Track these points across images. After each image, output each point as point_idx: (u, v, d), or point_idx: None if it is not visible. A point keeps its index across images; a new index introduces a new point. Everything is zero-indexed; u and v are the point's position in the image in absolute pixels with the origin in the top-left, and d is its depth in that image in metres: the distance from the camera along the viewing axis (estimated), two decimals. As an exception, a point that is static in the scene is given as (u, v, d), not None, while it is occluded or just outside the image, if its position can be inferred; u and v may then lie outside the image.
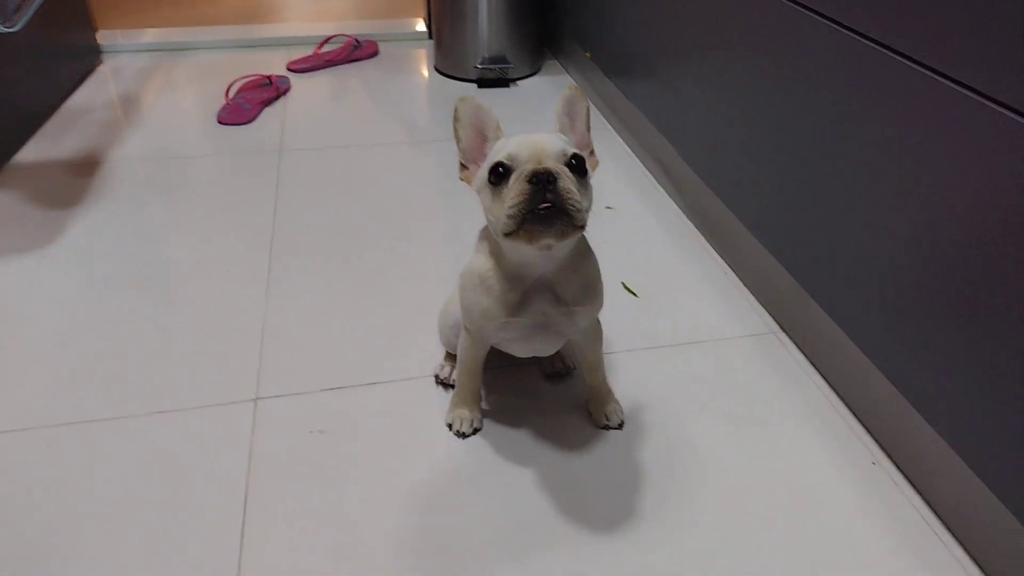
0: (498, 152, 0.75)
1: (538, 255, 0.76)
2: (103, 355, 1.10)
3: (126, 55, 2.31)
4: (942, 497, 0.86)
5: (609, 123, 1.88)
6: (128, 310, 1.20)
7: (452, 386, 1.03)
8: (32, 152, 1.70)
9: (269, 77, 2.02)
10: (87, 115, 1.90)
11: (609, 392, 0.99)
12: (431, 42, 2.46)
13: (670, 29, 1.47)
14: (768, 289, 1.21)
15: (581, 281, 0.82)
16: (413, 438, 0.97)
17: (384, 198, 1.54)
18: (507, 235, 0.71)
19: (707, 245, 1.39)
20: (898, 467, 0.93)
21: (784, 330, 1.17)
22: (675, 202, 1.53)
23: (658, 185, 1.60)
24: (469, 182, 0.81)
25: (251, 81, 2.01)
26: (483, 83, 2.12)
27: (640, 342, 1.14)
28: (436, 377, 1.06)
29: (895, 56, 0.83)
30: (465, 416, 0.96)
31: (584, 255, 0.84)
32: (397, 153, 1.74)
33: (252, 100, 1.91)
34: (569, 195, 0.69)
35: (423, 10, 2.57)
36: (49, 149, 1.71)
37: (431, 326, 1.14)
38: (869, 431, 0.98)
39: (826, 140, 0.99)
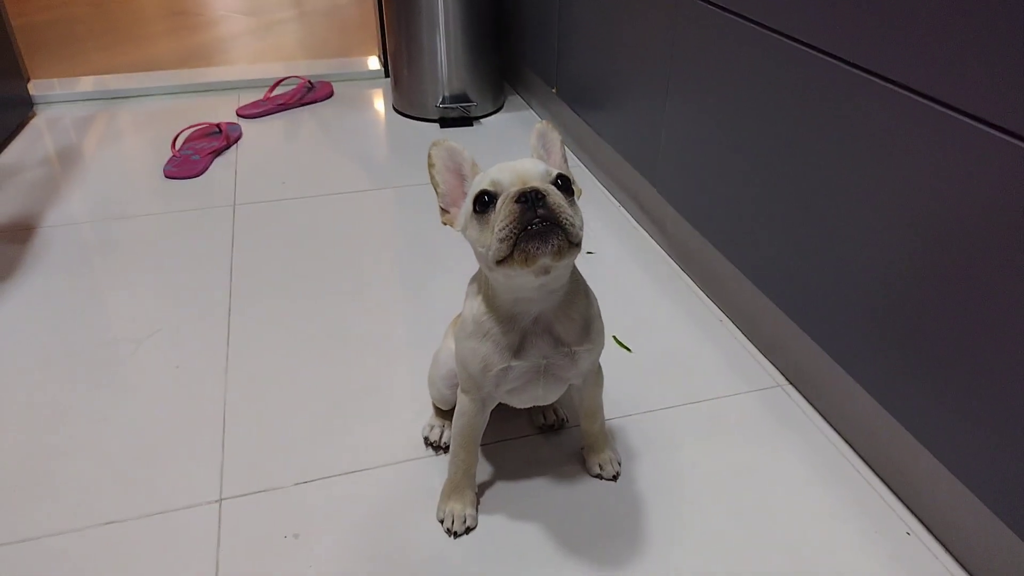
0: (479, 183, 0.72)
1: (535, 286, 0.72)
2: (39, 455, 0.97)
3: (61, 105, 2.17)
4: (979, 560, 0.79)
5: (580, 160, 1.81)
6: (68, 401, 1.07)
7: (445, 448, 0.96)
8: (-43, 219, 1.55)
9: (218, 125, 1.90)
10: (19, 174, 1.75)
11: (607, 440, 0.95)
12: (387, 80, 2.38)
13: (638, 57, 1.40)
14: (770, 338, 1.14)
15: (580, 319, 0.79)
16: (398, 535, 0.86)
17: (348, 251, 1.44)
18: (500, 262, 0.68)
19: (698, 291, 1.32)
20: (935, 536, 0.86)
21: (791, 382, 1.09)
22: (658, 244, 1.45)
23: (637, 225, 1.53)
24: (452, 224, 0.77)
25: (199, 130, 1.89)
26: (445, 122, 2.04)
27: (636, 405, 1.06)
28: (426, 440, 0.98)
29: (885, 83, 0.77)
30: (457, 511, 0.87)
31: (581, 292, 0.80)
32: (358, 201, 1.64)
33: (201, 151, 1.80)
34: (561, 209, 0.68)
35: (377, 48, 2.48)
36: (-24, 214, 1.57)
37: (408, 398, 1.04)
38: (899, 497, 0.91)
39: (821, 172, 0.92)
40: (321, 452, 0.98)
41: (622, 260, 1.41)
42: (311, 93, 2.19)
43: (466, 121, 2.05)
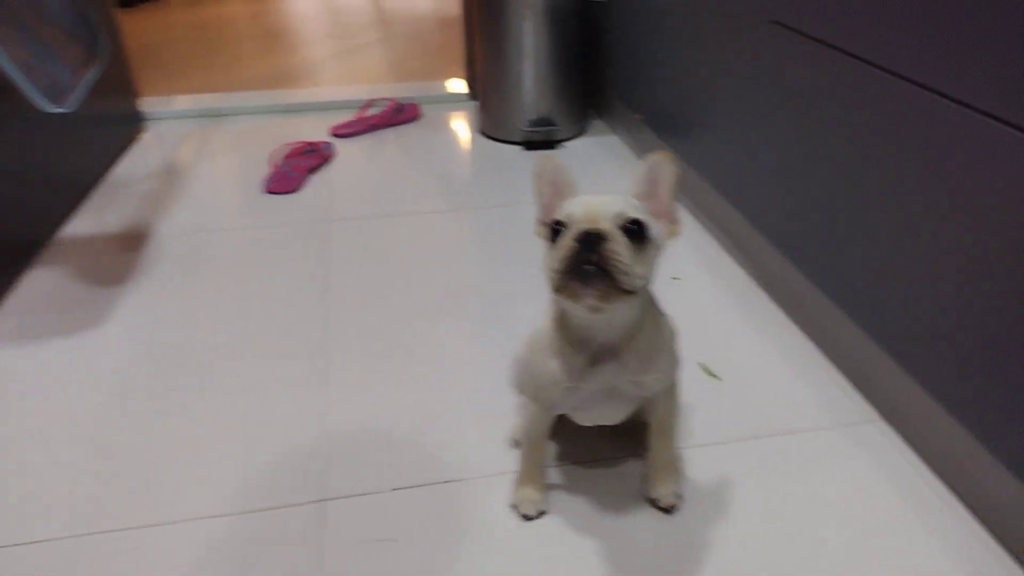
0: (560, 211, 0.76)
1: (592, 317, 0.75)
2: (153, 451, 1.04)
3: (168, 122, 2.30)
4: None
5: (664, 186, 1.82)
6: (180, 399, 1.14)
7: None
8: (78, 226, 1.67)
9: (314, 144, 1.99)
10: (132, 186, 1.87)
11: (671, 469, 0.94)
12: (472, 103, 2.44)
13: (727, 85, 1.42)
14: (862, 371, 1.13)
15: (648, 349, 0.81)
16: (485, 545, 0.89)
17: (437, 268, 1.49)
18: (555, 291, 0.73)
19: (787, 320, 1.31)
20: (1040, 584, 0.84)
21: (884, 418, 1.08)
22: (746, 271, 1.45)
23: (724, 252, 1.53)
24: (542, 238, 0.81)
25: (296, 148, 1.98)
26: (530, 145, 2.09)
27: (717, 434, 1.06)
28: (515, 442, 1.02)
29: (984, 117, 0.77)
30: (530, 497, 0.93)
31: (652, 322, 0.81)
32: (447, 220, 1.69)
33: (298, 168, 1.88)
34: (614, 257, 0.69)
35: (463, 71, 2.55)
36: (94, 223, 1.68)
37: (497, 414, 1.06)
38: (1008, 549, 0.89)
39: (918, 200, 0.92)
40: (416, 461, 1.01)
41: (708, 287, 1.41)
42: (400, 115, 2.27)
43: (549, 144, 2.09)
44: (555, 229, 0.74)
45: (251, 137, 2.19)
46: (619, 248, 0.70)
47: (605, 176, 1.89)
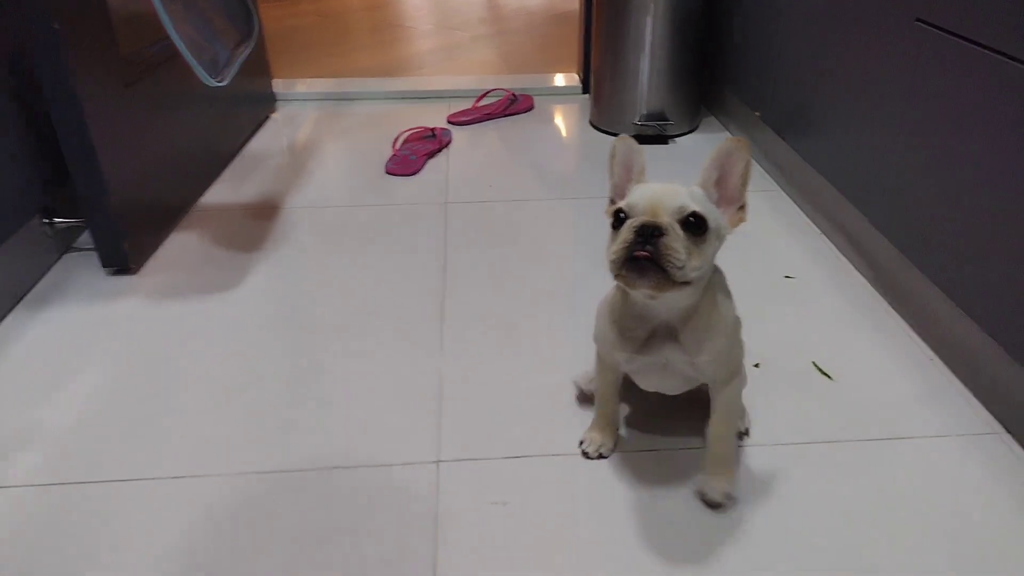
0: (626, 199, 0.78)
1: (649, 302, 0.80)
2: (280, 405, 1.12)
3: (296, 103, 2.43)
4: None
5: (780, 186, 1.79)
6: (307, 358, 1.22)
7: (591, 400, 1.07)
8: (217, 195, 1.80)
9: (433, 129, 2.07)
10: (264, 161, 2.00)
11: (726, 465, 0.93)
12: (584, 97, 2.47)
13: (859, 83, 1.39)
14: (989, 381, 1.09)
15: (703, 331, 0.83)
16: (597, 520, 0.92)
17: (548, 256, 1.53)
18: (614, 277, 0.76)
19: (906, 326, 1.28)
20: None
21: (1010, 431, 1.04)
22: (862, 274, 1.42)
23: (840, 255, 1.50)
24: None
25: (415, 133, 2.07)
26: (641, 139, 2.08)
27: (825, 433, 1.05)
28: (578, 388, 1.11)
29: None
30: (595, 439, 1.00)
31: (711, 306, 0.83)
32: (557, 210, 1.73)
33: (417, 151, 1.96)
34: (668, 252, 0.71)
35: (576, 65, 2.58)
36: (231, 193, 1.81)
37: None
38: None
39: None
40: (528, 433, 1.05)
41: (823, 288, 1.39)
42: (514, 105, 2.32)
43: (661, 139, 2.09)
44: (618, 216, 0.77)
45: (373, 121, 2.29)
46: (675, 244, 0.72)
47: (718, 173, 1.88)
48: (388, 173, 1.90)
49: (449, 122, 2.23)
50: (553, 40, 3.24)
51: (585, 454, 0.99)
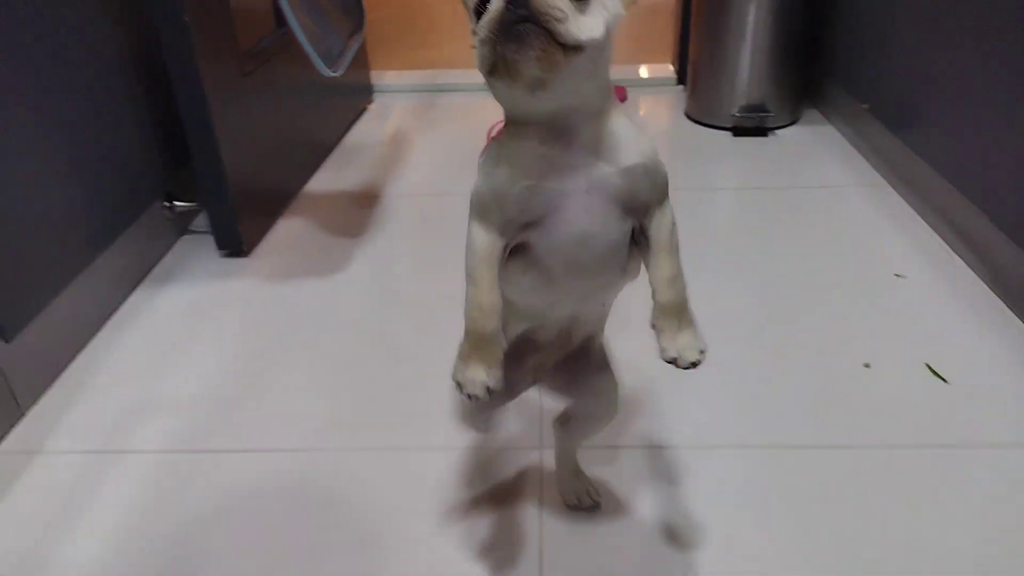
0: None
1: (541, 100, 0.60)
2: (383, 384, 1.16)
3: (393, 94, 2.49)
4: None
5: (887, 181, 1.73)
6: (408, 342, 1.25)
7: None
8: (321, 182, 1.86)
9: (527, 119, 2.08)
10: (363, 150, 2.05)
11: (681, 306, 0.71)
12: (678, 88, 2.43)
13: (974, 70, 1.32)
14: (1120, 390, 1.03)
15: (624, 134, 0.64)
16: (680, 504, 0.92)
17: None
18: (488, 73, 0.59)
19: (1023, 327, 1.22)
20: None
21: None
22: (978, 273, 1.36)
23: (953, 253, 1.43)
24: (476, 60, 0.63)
25: (509, 123, 2.08)
26: (739, 131, 2.05)
27: (936, 437, 1.01)
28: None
29: None
30: (478, 377, 0.67)
31: (621, 117, 0.65)
32: (655, 201, 1.72)
33: (511, 141, 1.98)
34: (548, 7, 0.56)
35: (671, 55, 2.55)
36: (334, 180, 1.87)
37: (689, 390, 1.08)
38: None
39: None
40: (625, 423, 1.06)
41: (935, 287, 1.34)
42: (607, 95, 2.31)
43: (761, 131, 2.04)
44: (478, 9, 0.60)
45: (466, 111, 2.32)
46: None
47: (819, 168, 1.82)
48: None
49: (542, 113, 2.24)
50: (644, 30, 3.20)
51: (471, 397, 0.67)
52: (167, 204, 1.51)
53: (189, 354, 1.24)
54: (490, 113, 2.20)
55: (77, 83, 1.25)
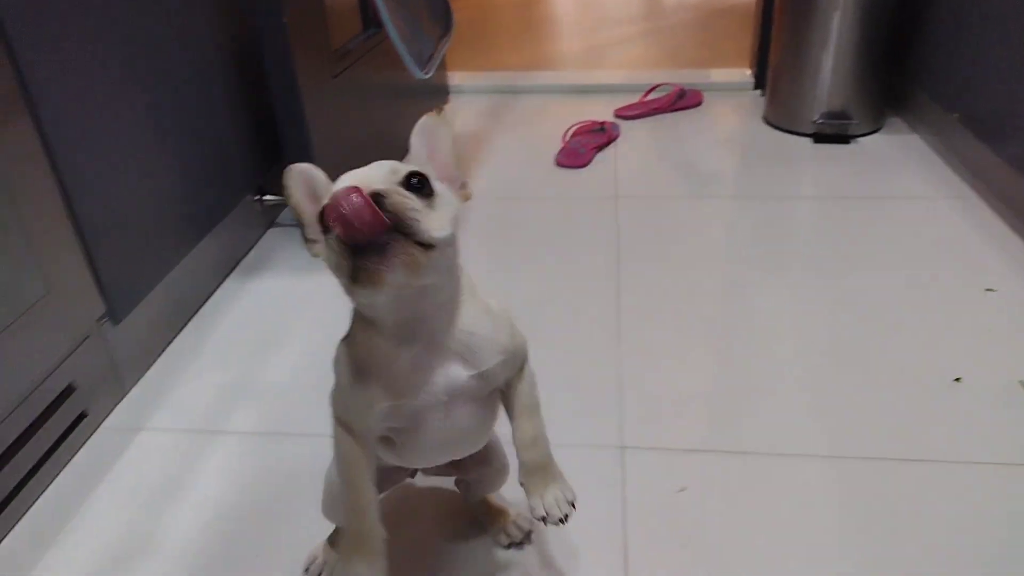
0: (326, 200, 0.58)
1: (403, 303, 0.60)
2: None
3: (467, 95, 2.53)
4: None
5: (977, 193, 1.68)
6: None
7: None
8: (399, 180, 1.90)
9: (602, 123, 2.09)
10: (440, 149, 2.09)
11: (546, 464, 0.71)
12: (756, 93, 2.41)
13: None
14: None
15: (480, 329, 0.65)
16: (776, 521, 0.91)
17: (722, 255, 1.51)
18: (353, 283, 0.57)
19: None
20: None
21: None
22: (1076, 292, 1.31)
23: (1048, 268, 1.39)
24: (320, 255, 0.62)
25: (584, 126, 2.09)
26: (819, 138, 2.02)
27: (1051, 457, 0.98)
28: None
29: None
30: (360, 571, 0.66)
31: (472, 299, 0.66)
32: (727, 208, 1.70)
33: (586, 144, 1.99)
34: (400, 208, 0.55)
35: (749, 60, 2.52)
36: (412, 179, 1.91)
37: (792, 397, 1.07)
38: None
39: None
40: (708, 428, 1.06)
41: (1029, 303, 1.30)
42: (682, 100, 2.30)
43: (842, 139, 2.01)
44: (327, 226, 0.57)
45: (540, 113, 2.34)
46: (403, 200, 0.56)
47: (903, 178, 1.78)
48: (558, 165, 1.94)
49: (616, 116, 2.24)
50: (721, 35, 3.16)
51: None
52: (258, 198, 1.58)
53: (278, 342, 1.29)
54: (564, 116, 2.22)
55: (182, 81, 1.31)
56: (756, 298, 1.36)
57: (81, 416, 1.09)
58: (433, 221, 0.58)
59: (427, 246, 0.56)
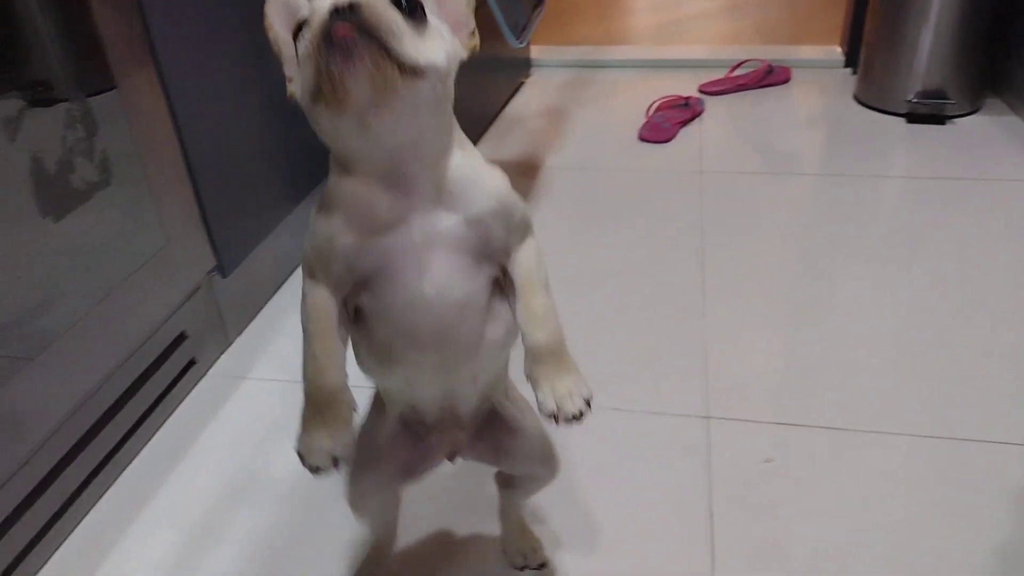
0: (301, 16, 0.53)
1: (376, 134, 0.52)
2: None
3: (549, 69, 2.53)
4: None
5: (1083, 176, 1.61)
6: (570, 310, 1.29)
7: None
8: (484, 151, 1.92)
9: (687, 98, 2.07)
10: (522, 123, 2.11)
11: (558, 349, 0.60)
12: (846, 71, 2.34)
13: None
14: None
15: (471, 175, 0.57)
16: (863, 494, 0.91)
17: (807, 230, 1.49)
18: (313, 98, 0.51)
19: None
20: None
21: None
22: None
23: None
24: (296, 94, 0.57)
25: (668, 101, 2.08)
26: (913, 118, 1.96)
27: None
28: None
29: None
30: (320, 445, 0.56)
31: (466, 151, 0.58)
32: (813, 186, 1.68)
33: (670, 119, 1.98)
34: (377, 18, 0.48)
35: (841, 37, 2.45)
36: (496, 150, 1.94)
37: (880, 375, 1.06)
38: None
39: None
40: (793, 402, 1.06)
41: None
42: (770, 76, 2.25)
43: (937, 119, 1.94)
44: (299, 34, 0.52)
45: (623, 88, 2.33)
46: (384, 11, 0.49)
47: (1002, 160, 1.72)
48: (641, 139, 1.93)
49: (701, 91, 2.22)
50: (814, 11, 3.07)
51: (314, 468, 0.56)
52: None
53: (369, 303, 1.34)
54: (646, 91, 2.21)
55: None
56: (843, 276, 1.34)
57: (191, 363, 1.16)
58: (420, 46, 0.50)
59: (409, 72, 0.49)
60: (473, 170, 0.57)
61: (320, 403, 0.57)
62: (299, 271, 0.61)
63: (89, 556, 0.90)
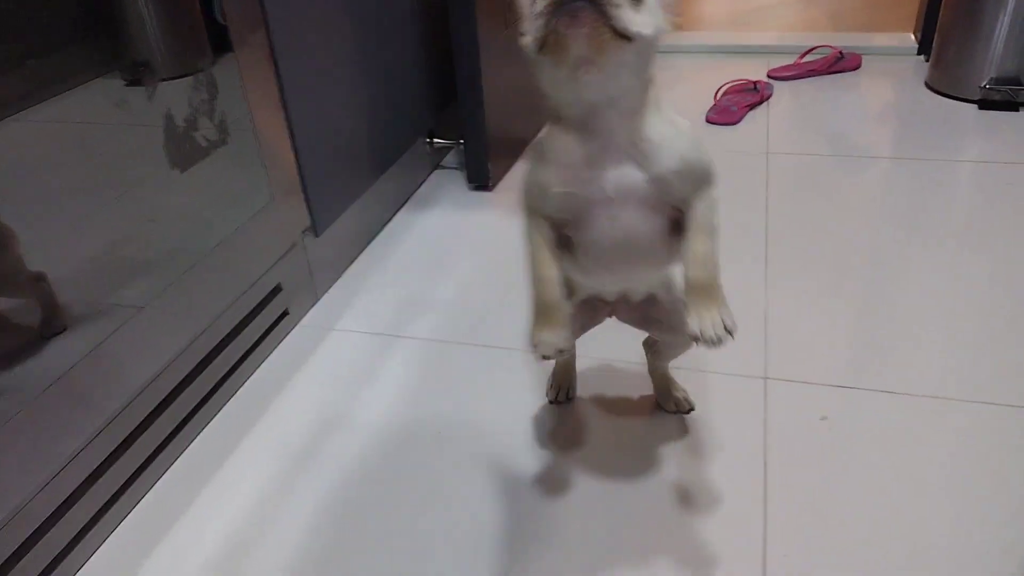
0: None
1: (586, 86, 0.63)
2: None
3: (618, 55, 2.58)
4: None
5: None
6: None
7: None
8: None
9: (755, 83, 2.10)
10: (591, 104, 2.17)
11: (712, 289, 0.72)
12: (918, 59, 2.32)
13: None
14: None
15: (662, 138, 0.68)
16: (910, 461, 0.95)
17: (875, 212, 1.52)
18: (539, 49, 0.62)
19: None
20: None
21: None
22: None
23: None
24: (528, 45, 0.67)
25: (737, 85, 2.11)
26: (985, 104, 1.94)
27: None
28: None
29: None
30: (547, 339, 0.75)
31: (660, 112, 0.69)
32: (885, 168, 1.69)
33: (738, 103, 2.01)
34: None
35: (915, 24, 2.43)
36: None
37: (937, 344, 1.09)
38: None
39: None
40: (850, 367, 1.10)
41: None
42: (840, 63, 2.26)
43: (1011, 106, 1.92)
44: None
45: (691, 73, 2.37)
46: None
47: (1081, 145, 1.70)
48: (708, 122, 1.97)
49: (770, 76, 2.24)
50: (882, 1, 3.04)
51: (544, 357, 0.77)
52: (429, 140, 1.72)
53: (445, 266, 1.44)
54: (715, 76, 2.24)
55: (383, 26, 1.46)
56: (911, 257, 1.36)
57: (284, 314, 1.27)
58: (635, 17, 0.60)
59: (621, 37, 0.60)
60: (664, 131, 0.69)
61: (546, 311, 0.75)
62: (377, 240, 0.73)
63: (193, 478, 1.01)
